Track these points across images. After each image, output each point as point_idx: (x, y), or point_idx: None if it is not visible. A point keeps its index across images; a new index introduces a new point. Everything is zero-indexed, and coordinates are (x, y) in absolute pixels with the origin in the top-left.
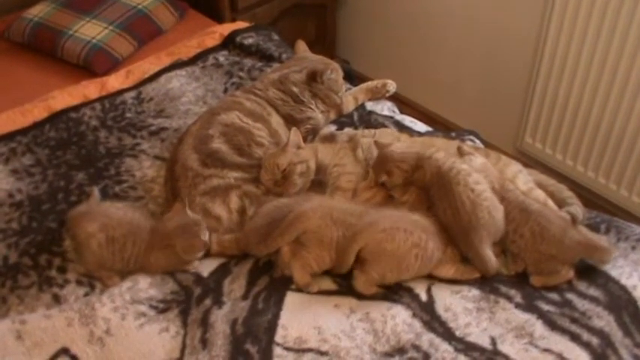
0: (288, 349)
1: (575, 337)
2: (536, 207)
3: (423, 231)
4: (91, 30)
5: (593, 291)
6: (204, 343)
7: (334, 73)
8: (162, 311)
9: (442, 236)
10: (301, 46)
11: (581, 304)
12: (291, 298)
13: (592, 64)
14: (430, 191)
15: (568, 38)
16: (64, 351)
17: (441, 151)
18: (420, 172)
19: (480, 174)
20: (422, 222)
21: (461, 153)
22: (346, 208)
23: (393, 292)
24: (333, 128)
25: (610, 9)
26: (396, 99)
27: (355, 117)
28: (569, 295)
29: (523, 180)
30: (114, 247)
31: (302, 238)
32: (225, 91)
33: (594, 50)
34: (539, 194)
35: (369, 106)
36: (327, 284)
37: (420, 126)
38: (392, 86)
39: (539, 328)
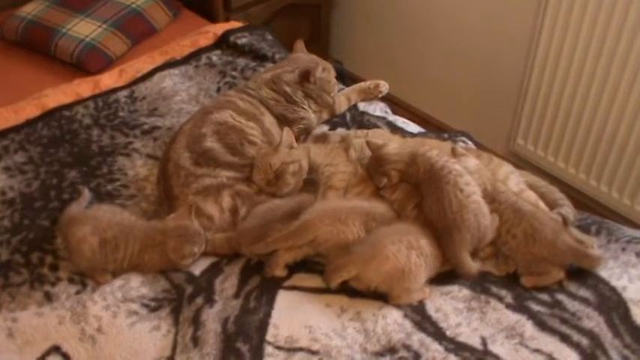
0: (279, 347)
1: (565, 338)
2: (529, 208)
3: (408, 233)
4: (84, 28)
5: (583, 292)
6: (196, 341)
7: (325, 71)
8: (154, 310)
9: (428, 231)
10: (299, 45)
11: (572, 305)
12: (282, 297)
13: (584, 67)
14: (421, 187)
15: (560, 40)
16: (56, 349)
17: (435, 149)
18: (414, 168)
19: (473, 175)
20: (404, 227)
21: (455, 154)
22: (350, 205)
23: None
24: (325, 128)
25: (603, 10)
26: (388, 100)
27: (348, 117)
28: (560, 296)
29: (514, 181)
30: (106, 249)
31: (320, 249)
32: (218, 90)
33: (586, 52)
34: (531, 195)
35: (362, 106)
36: (319, 282)
37: (413, 127)
38: (384, 87)
39: (529, 328)
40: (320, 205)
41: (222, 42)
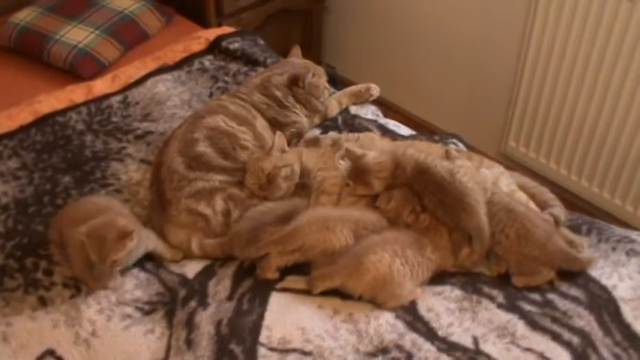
0: (272, 349)
1: (556, 337)
2: (522, 209)
3: (395, 243)
4: (77, 34)
5: (574, 291)
6: (189, 343)
7: (315, 77)
8: (148, 313)
9: (420, 239)
10: (295, 51)
11: (562, 304)
12: (275, 299)
13: (574, 69)
14: (414, 186)
15: (550, 43)
16: (50, 352)
17: (411, 148)
18: (399, 170)
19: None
20: (392, 236)
21: (448, 156)
22: (339, 213)
23: None
24: (317, 132)
25: (592, 14)
26: (380, 103)
27: (339, 121)
28: (551, 296)
29: (505, 182)
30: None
31: (308, 256)
32: (211, 95)
33: (576, 55)
34: (521, 196)
35: (354, 110)
36: None
37: (404, 129)
38: (375, 90)
39: (520, 327)
40: (310, 213)
41: (215, 47)
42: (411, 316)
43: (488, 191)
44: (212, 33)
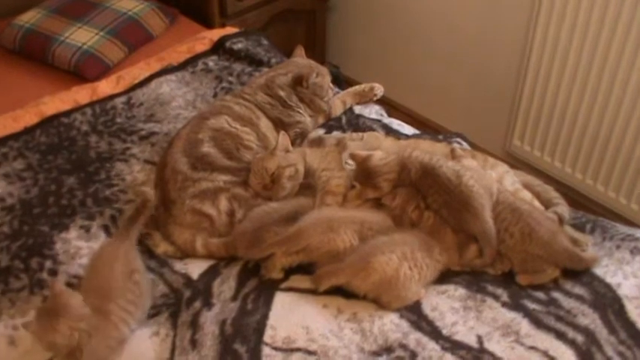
0: (276, 348)
1: (560, 335)
2: (526, 208)
3: (404, 244)
4: (81, 36)
5: (578, 289)
6: (194, 343)
7: (319, 77)
8: (153, 316)
9: (428, 241)
10: (299, 51)
11: (567, 303)
12: (279, 299)
13: (578, 67)
14: (418, 187)
15: (554, 42)
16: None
17: (417, 150)
18: (405, 172)
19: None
20: (400, 238)
21: (454, 155)
22: (344, 214)
23: None
24: (321, 132)
25: (595, 12)
26: (385, 103)
27: (343, 120)
28: (555, 294)
29: (510, 181)
30: None
31: (312, 256)
32: (215, 95)
33: (580, 53)
34: (526, 195)
35: (358, 109)
36: None
37: (408, 129)
38: (379, 90)
39: (525, 326)
40: (315, 214)
41: (219, 48)
42: (415, 315)
43: (494, 195)
44: (216, 33)
